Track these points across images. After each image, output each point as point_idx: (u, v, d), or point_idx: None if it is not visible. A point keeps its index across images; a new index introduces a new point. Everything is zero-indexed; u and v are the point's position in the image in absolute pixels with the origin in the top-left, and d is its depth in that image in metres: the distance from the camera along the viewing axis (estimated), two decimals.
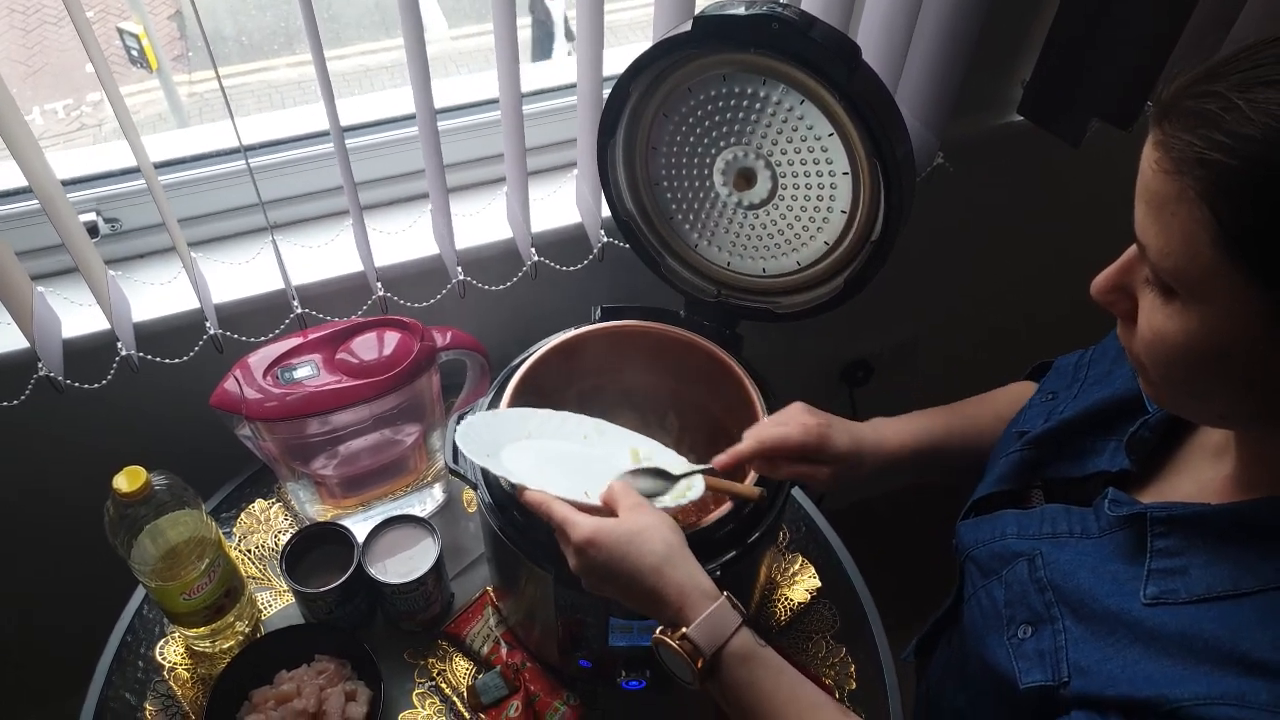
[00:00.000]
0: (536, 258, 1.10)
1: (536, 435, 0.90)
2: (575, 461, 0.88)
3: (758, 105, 0.89)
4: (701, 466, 0.87)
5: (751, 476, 0.88)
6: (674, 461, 0.90)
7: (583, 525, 0.74)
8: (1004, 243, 1.55)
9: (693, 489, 0.85)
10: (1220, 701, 0.55)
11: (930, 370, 1.74)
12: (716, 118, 0.92)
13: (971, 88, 1.22)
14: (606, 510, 0.77)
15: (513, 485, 0.83)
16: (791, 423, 0.85)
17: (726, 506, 0.87)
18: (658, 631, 0.73)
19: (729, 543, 0.86)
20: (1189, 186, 0.51)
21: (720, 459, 0.85)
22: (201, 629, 1.00)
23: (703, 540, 0.85)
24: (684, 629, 0.71)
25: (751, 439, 0.85)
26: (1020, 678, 0.67)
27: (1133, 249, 0.59)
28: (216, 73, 0.90)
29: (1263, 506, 0.60)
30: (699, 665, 0.70)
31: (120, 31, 1.16)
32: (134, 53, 1.18)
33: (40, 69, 1.07)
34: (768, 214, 0.96)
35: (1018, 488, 0.80)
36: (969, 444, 0.91)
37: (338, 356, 0.98)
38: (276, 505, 1.16)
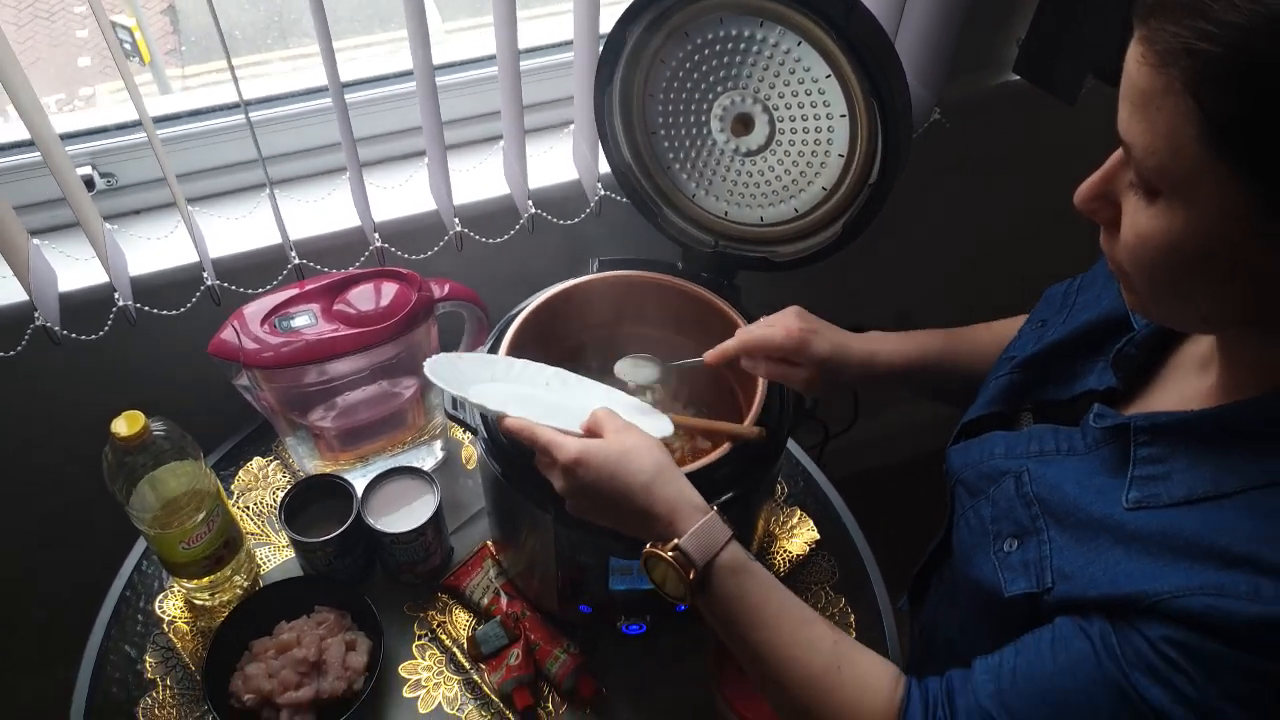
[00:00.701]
0: (533, 210, 1.10)
1: (501, 379, 0.90)
2: (541, 405, 0.88)
3: (755, 48, 0.89)
4: (691, 360, 0.91)
5: (751, 417, 0.88)
6: (637, 405, 0.91)
7: (570, 446, 0.75)
8: (1001, 207, 1.55)
9: (658, 429, 0.85)
10: (1199, 593, 0.56)
11: None
12: (714, 62, 0.92)
13: (967, 47, 1.22)
14: (590, 435, 0.78)
15: (492, 414, 0.83)
16: (778, 325, 0.88)
17: (726, 447, 0.87)
18: (648, 546, 0.73)
19: (729, 483, 0.86)
20: (1174, 79, 0.51)
21: (709, 355, 0.90)
22: (200, 580, 1.00)
23: (703, 480, 0.85)
24: (676, 540, 0.71)
25: (738, 337, 0.89)
26: (1005, 587, 0.68)
27: (1116, 155, 0.59)
28: (227, 56, 0.90)
29: (1244, 408, 0.61)
30: (690, 577, 0.70)
31: (114, 24, 1.15)
32: (127, 46, 1.18)
33: (33, 63, 1.07)
34: (765, 160, 0.96)
35: (1007, 410, 0.81)
36: (965, 366, 0.91)
37: (335, 306, 0.98)
38: (275, 463, 1.16)
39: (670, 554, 0.71)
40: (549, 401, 0.88)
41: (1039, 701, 0.61)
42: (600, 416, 0.78)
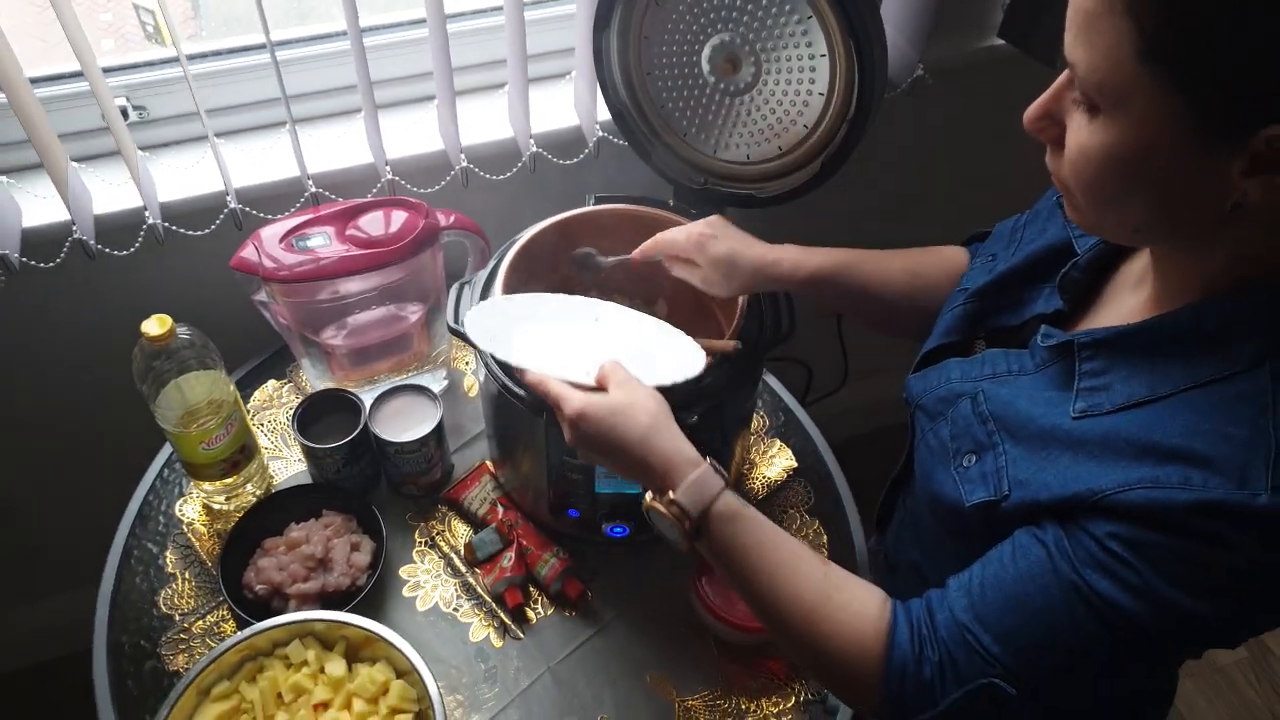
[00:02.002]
0: (535, 148, 1.17)
1: (548, 319, 0.95)
2: (581, 343, 0.92)
3: None
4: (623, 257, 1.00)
5: (730, 333, 0.95)
6: (670, 333, 0.95)
7: (574, 400, 0.80)
8: (987, 169, 1.61)
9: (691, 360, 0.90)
10: (1136, 486, 0.61)
11: None
12: (705, 4, 0.99)
13: (954, 9, 1.28)
14: (599, 388, 0.83)
15: (514, 369, 0.89)
16: (686, 228, 0.97)
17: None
18: (648, 498, 0.79)
19: (709, 394, 0.93)
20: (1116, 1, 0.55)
21: (635, 253, 1.00)
22: (218, 483, 1.08)
23: (684, 390, 0.92)
24: (670, 493, 0.76)
25: (653, 238, 0.98)
26: (965, 498, 0.73)
27: (1062, 76, 0.65)
28: (266, 31, 0.97)
29: (1171, 318, 0.66)
30: (687, 526, 0.75)
31: (136, 7, 1.21)
32: (149, 28, 1.23)
33: (57, 43, 1.13)
34: (752, 99, 1.03)
35: (962, 339, 0.86)
36: (872, 286, 0.95)
37: (348, 230, 1.06)
38: (288, 385, 1.24)
39: (667, 507, 0.76)
40: (585, 343, 0.92)
41: (1006, 609, 0.67)
42: (607, 370, 0.83)
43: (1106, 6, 0.56)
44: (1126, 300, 0.74)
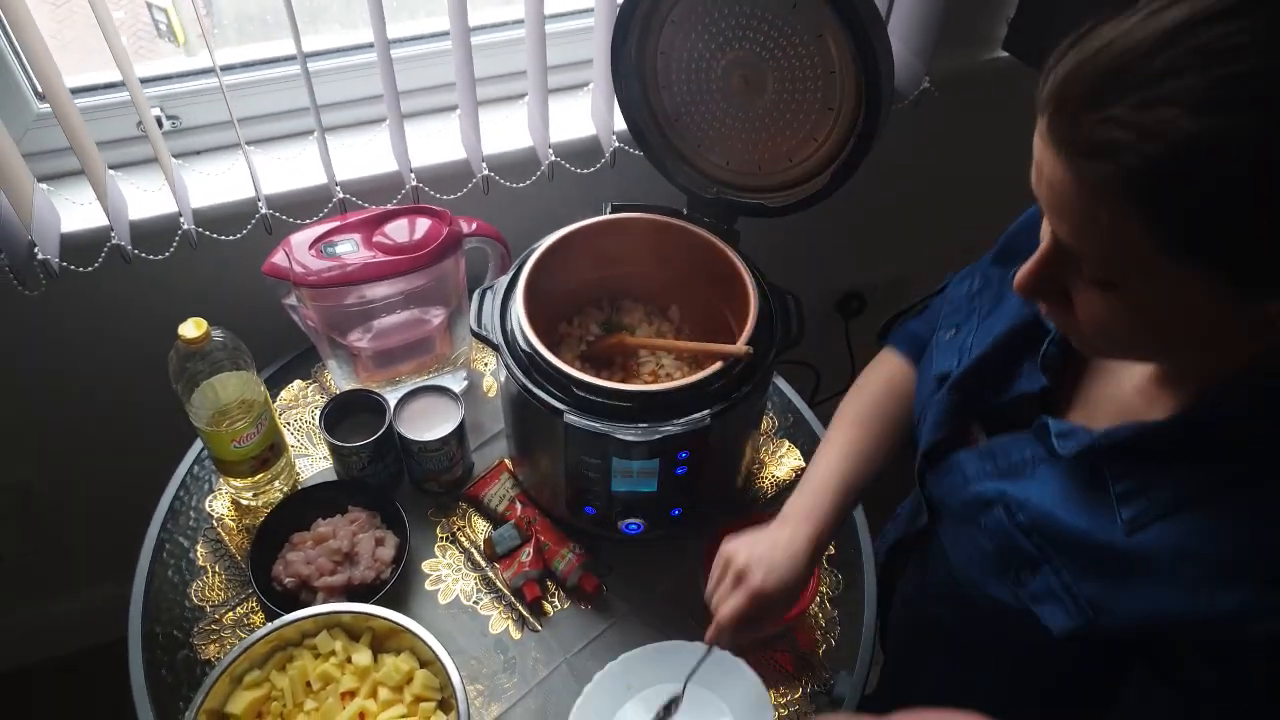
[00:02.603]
0: (553, 158, 1.22)
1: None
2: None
3: (755, 10, 1.00)
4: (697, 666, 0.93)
5: (742, 339, 0.99)
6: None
7: None
8: (992, 181, 1.64)
9: None
10: (1253, 615, 0.59)
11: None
12: (720, 24, 1.03)
13: (961, 23, 1.32)
14: None
15: None
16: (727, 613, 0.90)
17: (717, 364, 0.98)
18: None
19: (720, 395, 0.97)
20: (1110, 203, 0.53)
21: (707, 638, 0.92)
22: (247, 480, 1.12)
23: (697, 392, 0.96)
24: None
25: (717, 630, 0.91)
26: (1049, 624, 0.70)
27: (1047, 246, 0.61)
28: (298, 42, 1.01)
29: (1201, 420, 0.63)
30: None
31: (149, 6, 1.24)
32: (162, 27, 1.26)
33: (70, 42, 1.16)
34: (763, 114, 1.07)
35: (956, 430, 0.84)
36: (875, 470, 0.95)
37: (374, 237, 1.10)
38: (314, 385, 1.28)
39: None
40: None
41: None
42: None
43: (1110, 209, 0.54)
44: (1115, 376, 0.73)
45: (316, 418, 1.13)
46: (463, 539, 1.14)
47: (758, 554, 0.88)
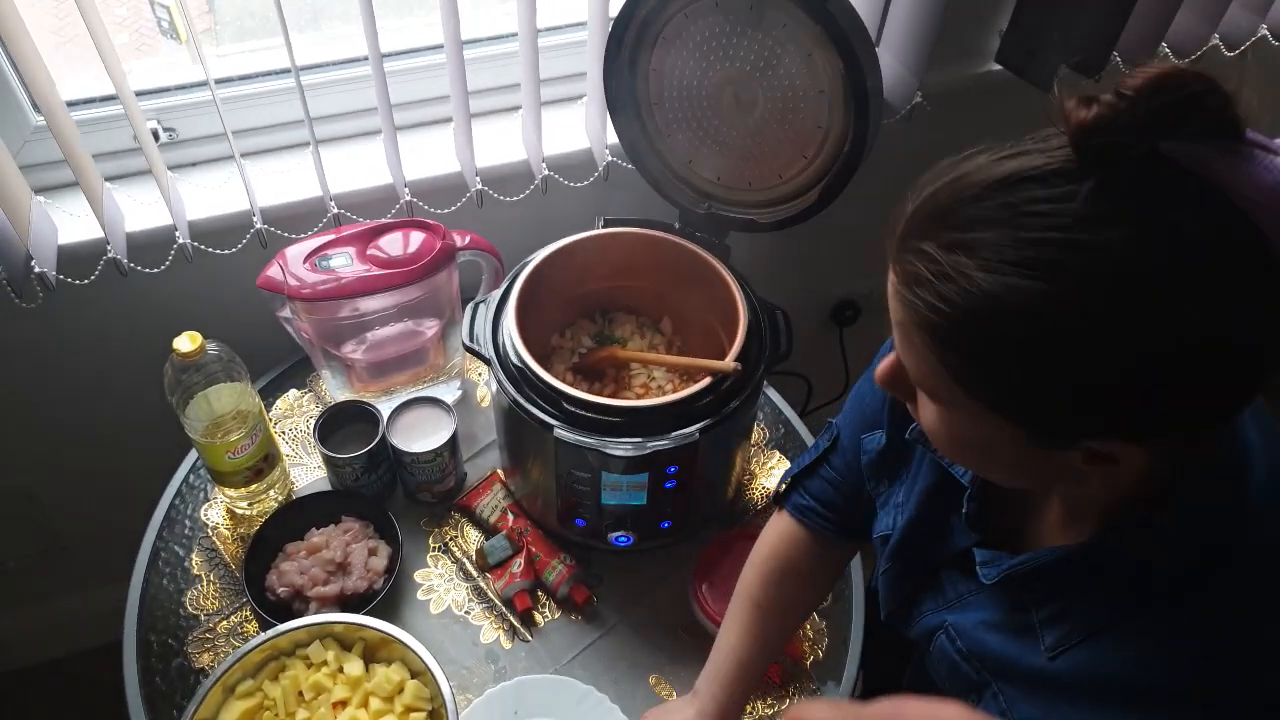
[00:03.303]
0: (547, 172, 1.23)
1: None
2: None
3: (747, 30, 1.01)
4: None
5: (731, 354, 1.00)
6: None
7: None
8: None
9: None
10: None
11: None
12: (712, 42, 1.04)
13: (952, 36, 1.33)
14: None
15: None
16: None
17: (706, 380, 0.99)
18: None
19: (708, 411, 0.98)
20: (916, 331, 0.56)
21: None
22: (242, 490, 1.13)
23: (687, 407, 0.98)
24: None
25: None
26: None
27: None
28: (291, 56, 1.02)
29: (1092, 552, 0.65)
30: None
31: (152, 3, 1.24)
32: (164, 24, 1.27)
33: (72, 38, 1.16)
34: (754, 131, 1.08)
35: (908, 595, 0.84)
36: (775, 649, 0.98)
37: (368, 250, 1.11)
38: (309, 394, 1.29)
39: None
40: None
41: None
42: None
43: (912, 330, 0.57)
44: (1041, 505, 0.73)
45: (311, 428, 1.14)
46: (455, 549, 1.15)
47: None
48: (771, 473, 1.24)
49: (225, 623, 1.08)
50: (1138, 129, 0.49)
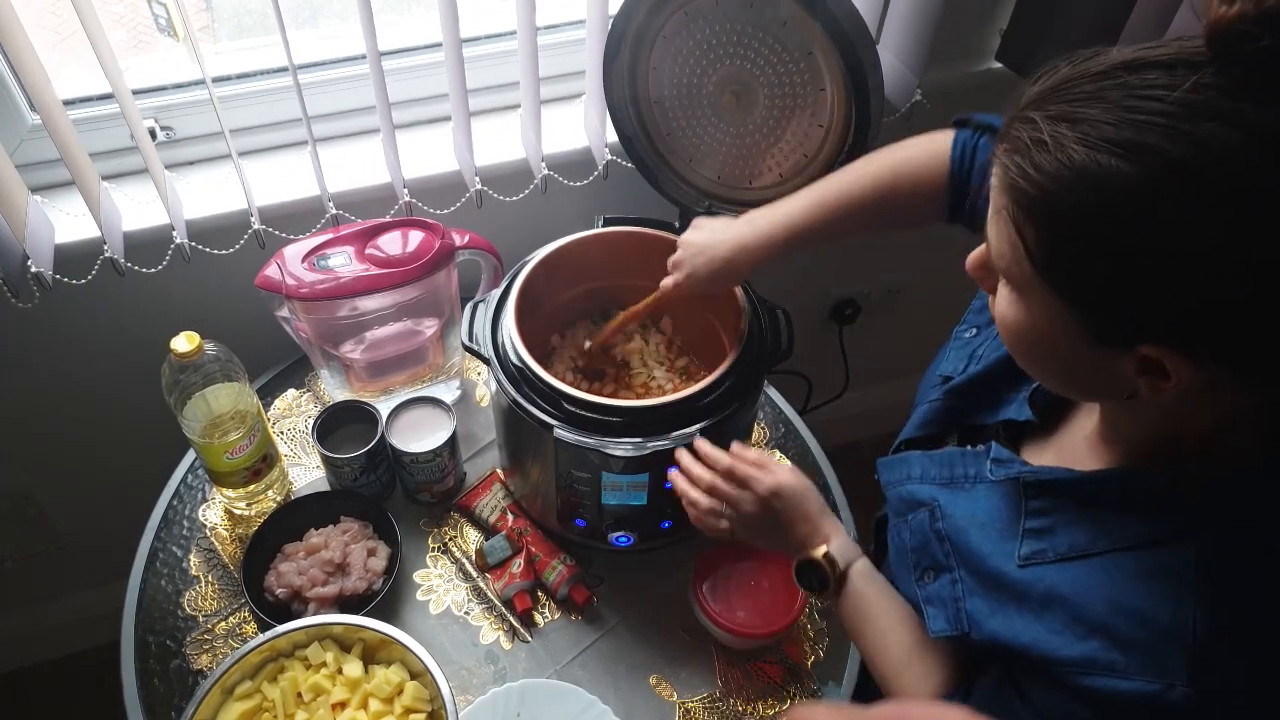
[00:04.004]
0: (546, 171, 1.22)
1: None
2: None
3: (747, 28, 1.00)
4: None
5: (732, 354, 1.00)
6: None
7: (766, 479, 0.88)
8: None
9: None
10: (1070, 667, 0.63)
11: (915, 316, 1.85)
12: (711, 40, 1.03)
13: (953, 35, 1.32)
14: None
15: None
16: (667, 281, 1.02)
17: (707, 380, 0.98)
18: (805, 552, 0.87)
19: (709, 411, 0.98)
20: (1004, 205, 0.57)
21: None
22: (240, 490, 1.13)
23: (686, 408, 0.97)
24: (828, 550, 0.86)
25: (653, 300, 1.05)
26: (928, 623, 0.77)
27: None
28: (289, 54, 1.01)
29: (1107, 479, 0.67)
30: (836, 574, 0.85)
31: (149, 1, 1.24)
32: (161, 21, 1.26)
33: (70, 35, 1.16)
34: (754, 129, 1.07)
35: (938, 433, 0.87)
36: (848, 213, 0.94)
37: (367, 250, 1.10)
38: (308, 394, 1.29)
39: (824, 558, 0.86)
40: None
41: None
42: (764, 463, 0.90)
43: (1000, 206, 0.58)
44: (1087, 422, 0.75)
45: (310, 428, 1.13)
46: (454, 549, 1.15)
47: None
48: None
49: (224, 624, 1.08)
50: (1270, 22, 0.49)
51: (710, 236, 0.98)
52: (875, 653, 0.84)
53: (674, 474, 0.94)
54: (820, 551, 0.86)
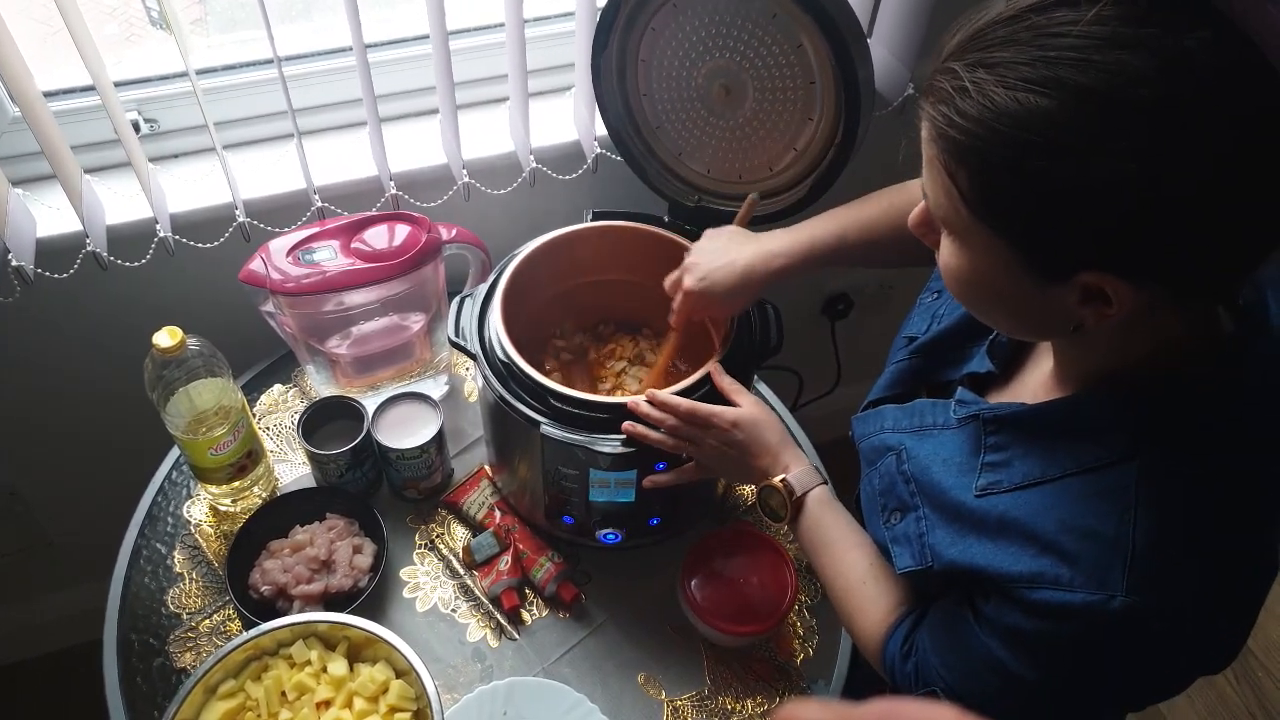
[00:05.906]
0: (535, 164, 1.21)
1: None
2: None
3: (736, 20, 0.99)
4: None
5: (721, 347, 0.99)
6: None
7: (727, 412, 0.92)
8: None
9: None
10: (1022, 582, 0.66)
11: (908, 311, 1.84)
12: (701, 32, 1.02)
13: (945, 27, 1.31)
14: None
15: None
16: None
17: (695, 376, 0.98)
18: (764, 480, 0.92)
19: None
20: (935, 155, 0.59)
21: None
22: (225, 486, 1.12)
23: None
24: (785, 476, 0.90)
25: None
26: (895, 561, 0.80)
27: None
28: (273, 46, 1.00)
29: (1059, 407, 0.70)
30: (792, 499, 0.89)
31: None
32: (154, 14, 1.25)
33: (61, 29, 1.15)
34: (744, 122, 1.06)
35: (905, 391, 0.90)
36: (866, 248, 0.97)
37: (353, 244, 1.09)
38: (294, 390, 1.28)
39: (781, 484, 0.90)
40: None
41: (947, 648, 0.75)
42: (729, 385, 0.95)
43: (931, 156, 0.60)
44: (1043, 366, 0.77)
45: (295, 424, 1.12)
46: (441, 546, 1.14)
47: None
48: None
49: (208, 622, 1.07)
50: None
51: (728, 243, 0.99)
52: (833, 576, 0.88)
53: (629, 425, 0.94)
54: (779, 479, 0.89)
